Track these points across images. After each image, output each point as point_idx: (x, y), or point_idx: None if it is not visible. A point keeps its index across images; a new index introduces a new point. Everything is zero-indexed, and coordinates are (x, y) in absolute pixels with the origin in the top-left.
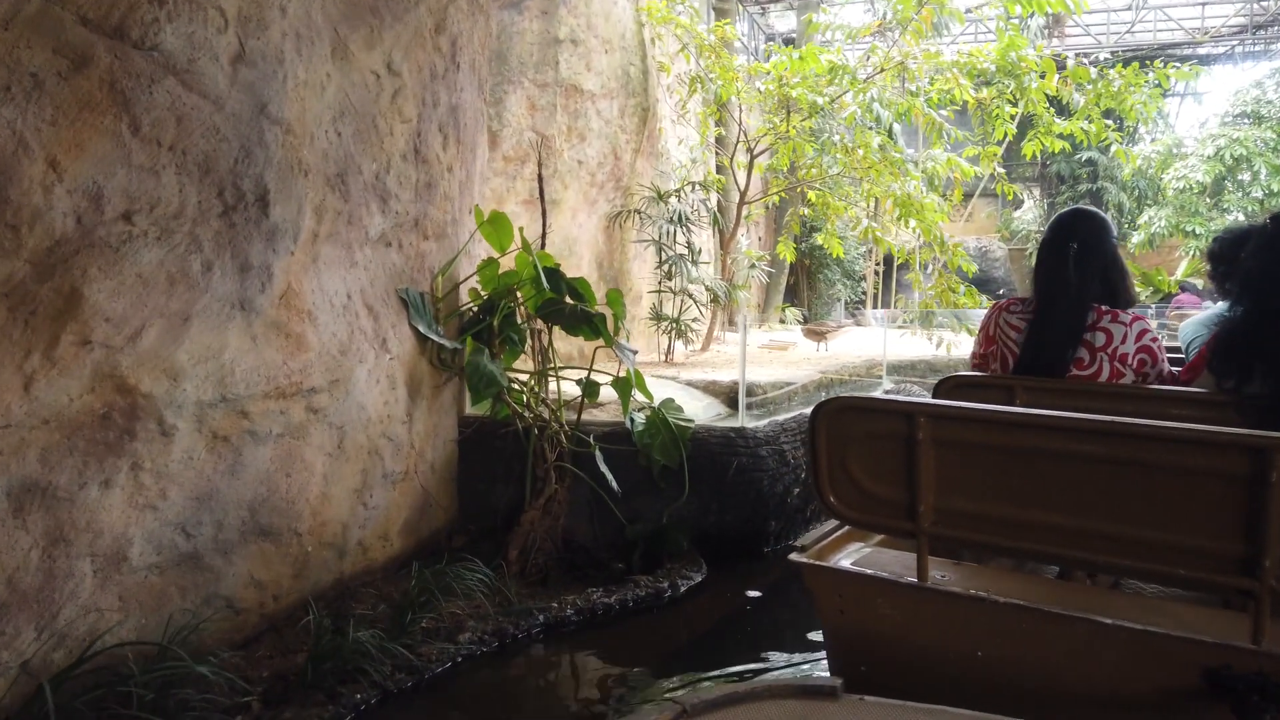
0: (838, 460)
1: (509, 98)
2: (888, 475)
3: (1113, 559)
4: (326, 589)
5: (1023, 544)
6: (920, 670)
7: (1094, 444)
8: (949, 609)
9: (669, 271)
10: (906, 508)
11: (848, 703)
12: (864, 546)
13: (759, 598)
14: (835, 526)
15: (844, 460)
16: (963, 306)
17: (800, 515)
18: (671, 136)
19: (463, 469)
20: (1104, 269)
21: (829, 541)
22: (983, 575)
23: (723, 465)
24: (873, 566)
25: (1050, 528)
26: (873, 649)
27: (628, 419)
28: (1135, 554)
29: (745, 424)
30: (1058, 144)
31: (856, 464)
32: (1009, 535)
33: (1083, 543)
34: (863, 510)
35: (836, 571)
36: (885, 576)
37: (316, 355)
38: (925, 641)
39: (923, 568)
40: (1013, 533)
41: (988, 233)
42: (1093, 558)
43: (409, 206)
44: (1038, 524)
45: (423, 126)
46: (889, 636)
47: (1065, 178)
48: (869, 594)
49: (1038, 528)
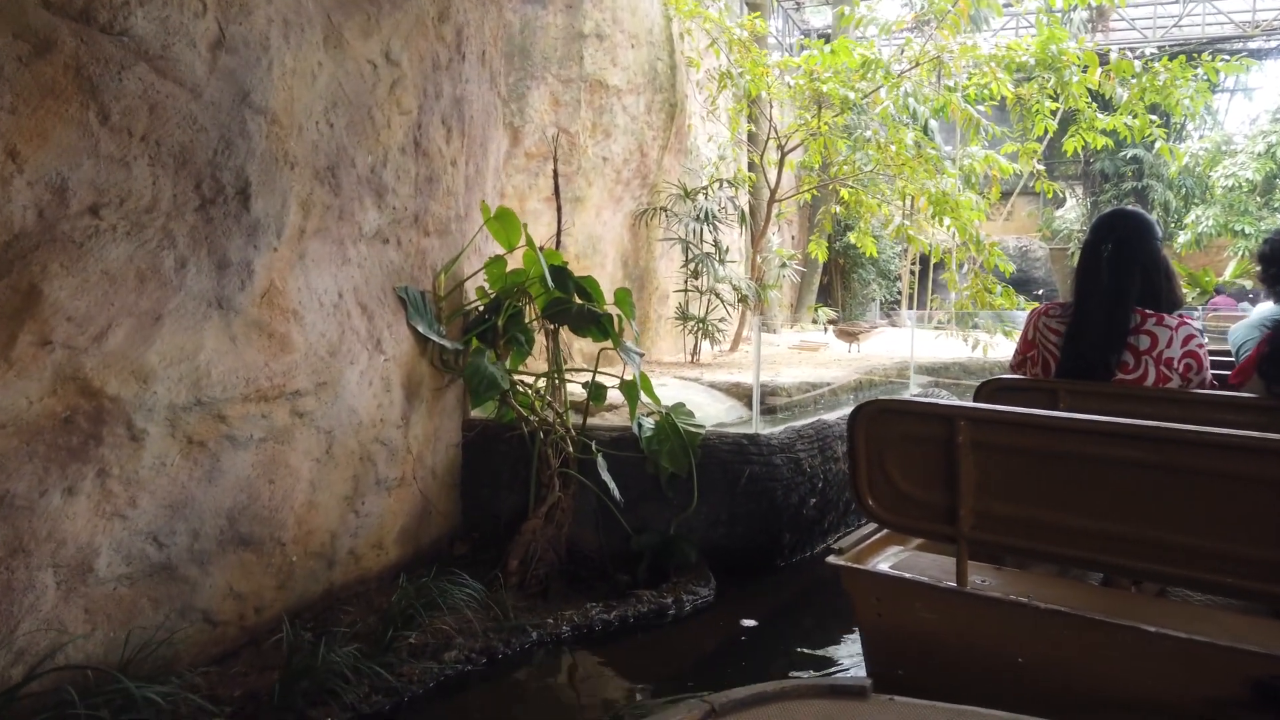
0: (876, 463)
1: (532, 93)
2: (927, 479)
3: (1157, 566)
4: (315, 600)
5: (1064, 549)
6: (959, 674)
7: (1138, 449)
8: (989, 614)
9: (695, 270)
10: (946, 511)
11: (876, 703)
12: (902, 550)
13: (769, 617)
14: (873, 530)
15: (883, 463)
16: (999, 308)
17: (817, 527)
18: (701, 133)
19: (467, 474)
20: (1144, 271)
21: (867, 545)
22: (1024, 580)
23: (734, 474)
24: (911, 570)
25: (1093, 534)
26: (910, 652)
27: (634, 424)
28: (1181, 561)
29: (759, 430)
30: (1100, 140)
31: (895, 467)
32: (1050, 540)
33: (1126, 549)
34: (901, 513)
35: (874, 575)
36: (923, 580)
37: (302, 356)
38: (964, 646)
39: (962, 572)
40: (1054, 538)
41: (1029, 232)
42: (1137, 565)
43: (408, 201)
44: (1080, 529)
45: (424, 119)
46: (927, 640)
47: (1109, 175)
48: (907, 597)
49: (1080, 533)
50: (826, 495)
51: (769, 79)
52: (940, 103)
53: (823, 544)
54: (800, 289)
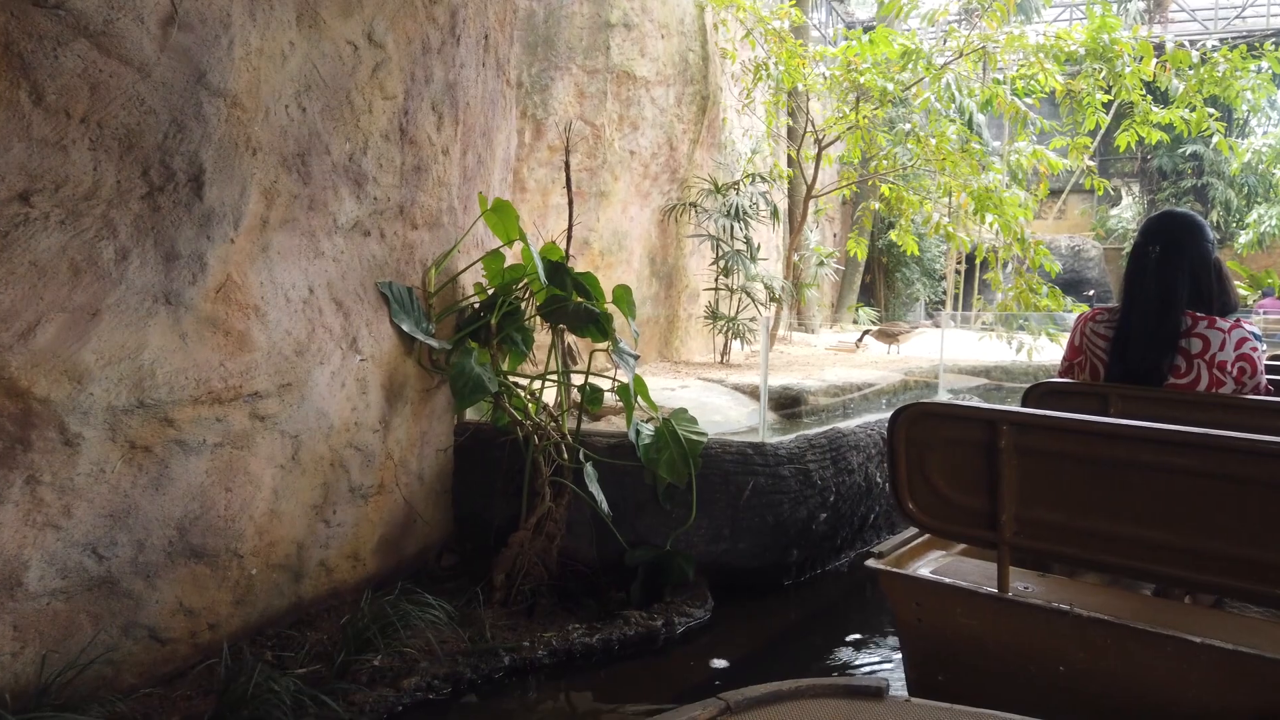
0: (917, 467)
1: (555, 85)
2: (968, 483)
3: (1207, 576)
4: (280, 615)
5: (1109, 557)
6: (999, 681)
7: (1186, 456)
8: (1029, 621)
9: (726, 268)
10: (987, 517)
11: (893, 703)
12: (945, 555)
13: (770, 642)
14: (915, 534)
15: (923, 467)
16: (1044, 309)
17: (828, 544)
18: (737, 127)
19: (459, 480)
20: (1193, 273)
21: (908, 549)
22: (1069, 588)
23: (737, 486)
24: (953, 575)
25: (1139, 542)
26: (950, 658)
27: (631, 431)
28: (1232, 572)
29: (765, 439)
30: (1155, 135)
31: (937, 471)
32: (1095, 548)
33: (1174, 558)
34: (942, 518)
35: (914, 579)
36: (964, 586)
37: (264, 355)
38: (1004, 653)
39: (1003, 578)
40: (1099, 545)
41: (1082, 231)
42: (1185, 574)
43: (391, 192)
44: (1125, 537)
45: (411, 105)
46: (967, 646)
47: (1167, 173)
48: (947, 603)
49: (1126, 541)
50: (839, 510)
51: (805, 70)
52: (986, 95)
53: (835, 561)
54: (841, 288)
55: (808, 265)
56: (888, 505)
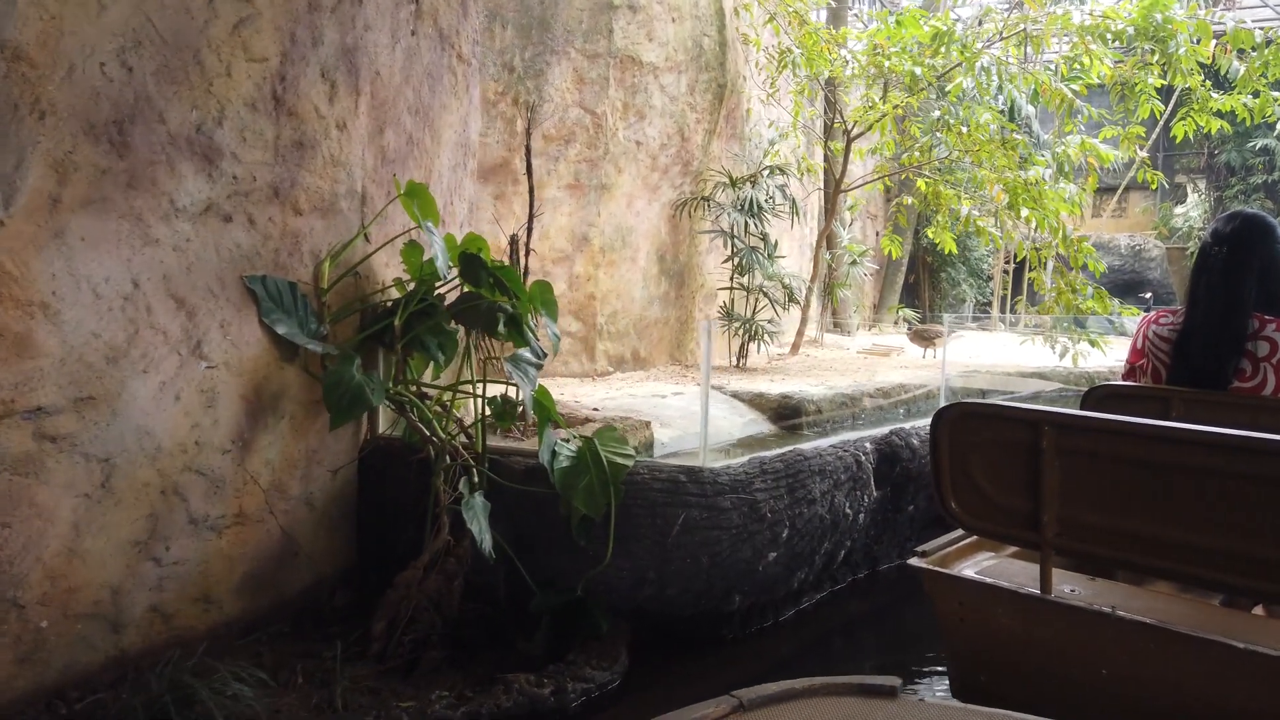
0: (960, 467)
1: (551, 69)
2: (1011, 484)
3: (1256, 582)
4: (93, 672)
5: (1156, 561)
6: (1041, 683)
7: (1231, 459)
8: (1071, 623)
9: (741, 266)
10: (1029, 517)
11: (906, 703)
12: (994, 557)
13: None
14: (961, 535)
15: (966, 467)
16: (1088, 312)
17: (780, 588)
18: (763, 119)
19: (364, 504)
20: (1261, 275)
21: (954, 549)
22: (1118, 592)
23: (666, 519)
24: (1000, 577)
25: (1185, 546)
26: (991, 659)
27: (545, 452)
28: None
29: (706, 464)
30: (1215, 124)
31: (979, 471)
32: (1140, 551)
33: (1221, 564)
34: (985, 518)
35: (957, 579)
36: (1005, 586)
37: (54, 363)
38: (1046, 655)
39: (1046, 579)
40: (1144, 549)
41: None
42: (1233, 580)
43: (260, 170)
44: (1171, 541)
45: (290, 70)
46: (1008, 647)
47: (1235, 168)
48: (988, 603)
49: (1171, 545)
50: (794, 548)
51: (830, 56)
52: (1028, 82)
53: (794, 608)
54: (882, 288)
55: (840, 264)
56: (867, 538)
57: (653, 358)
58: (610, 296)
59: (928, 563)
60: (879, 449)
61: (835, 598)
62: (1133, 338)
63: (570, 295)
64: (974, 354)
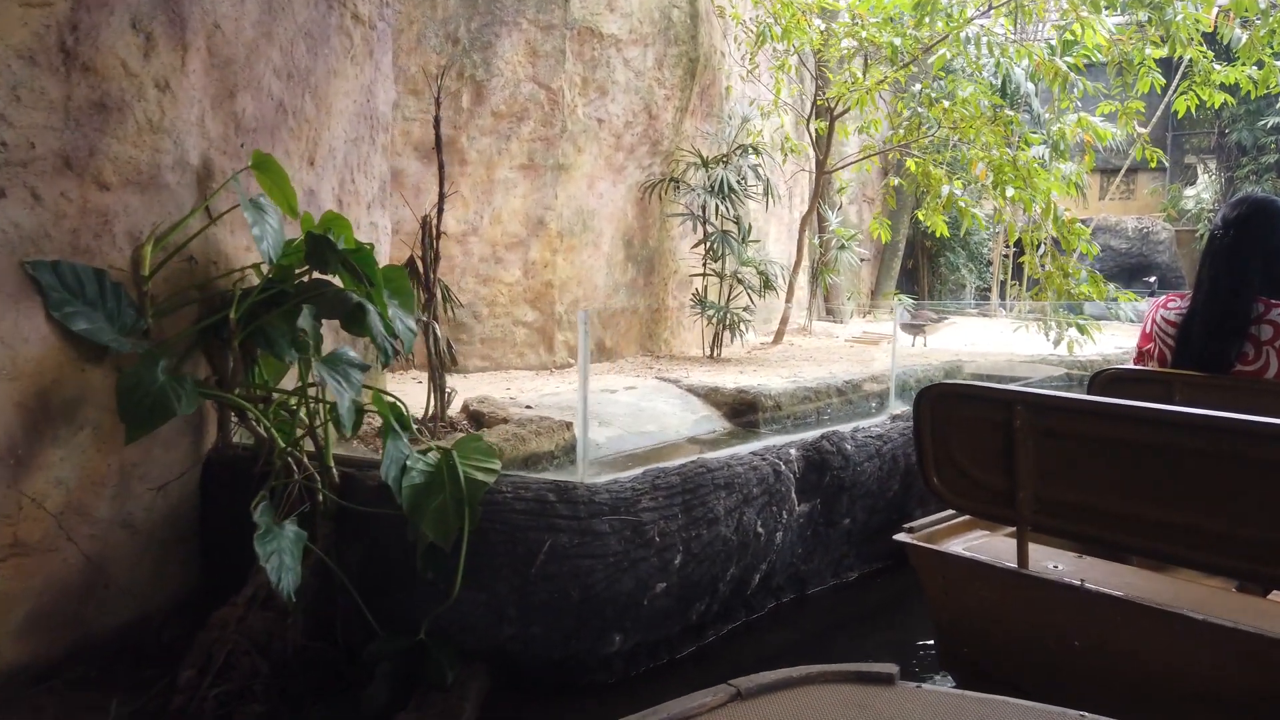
0: (942, 445)
1: (500, 42)
2: (988, 461)
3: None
4: None
5: (1126, 538)
6: (1018, 655)
7: (1197, 439)
8: (1043, 596)
9: (715, 252)
10: (1005, 494)
11: (903, 690)
12: (987, 535)
13: None
14: (951, 514)
15: (948, 445)
16: (1081, 298)
17: (674, 623)
18: (744, 97)
19: (207, 523)
20: (1266, 260)
21: (945, 527)
22: (1099, 569)
23: (528, 546)
24: (985, 553)
25: (1152, 522)
26: (974, 631)
27: (390, 468)
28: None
29: (583, 479)
30: (1218, 97)
31: (959, 449)
32: (1111, 528)
33: (1195, 541)
34: (965, 495)
35: (940, 554)
36: (984, 560)
37: None
38: (1024, 627)
39: (1023, 554)
40: (1114, 526)
41: (1151, 211)
42: (1206, 558)
43: (42, 136)
44: (1145, 519)
45: (86, 17)
46: (988, 620)
47: (1247, 148)
48: (969, 577)
49: (1145, 523)
50: (690, 576)
51: (808, 27)
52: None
53: (694, 644)
54: (879, 274)
55: (829, 249)
56: (792, 558)
57: (620, 348)
58: (570, 284)
59: (915, 539)
60: (806, 456)
61: (751, 629)
62: (1142, 322)
63: (526, 283)
64: (969, 342)
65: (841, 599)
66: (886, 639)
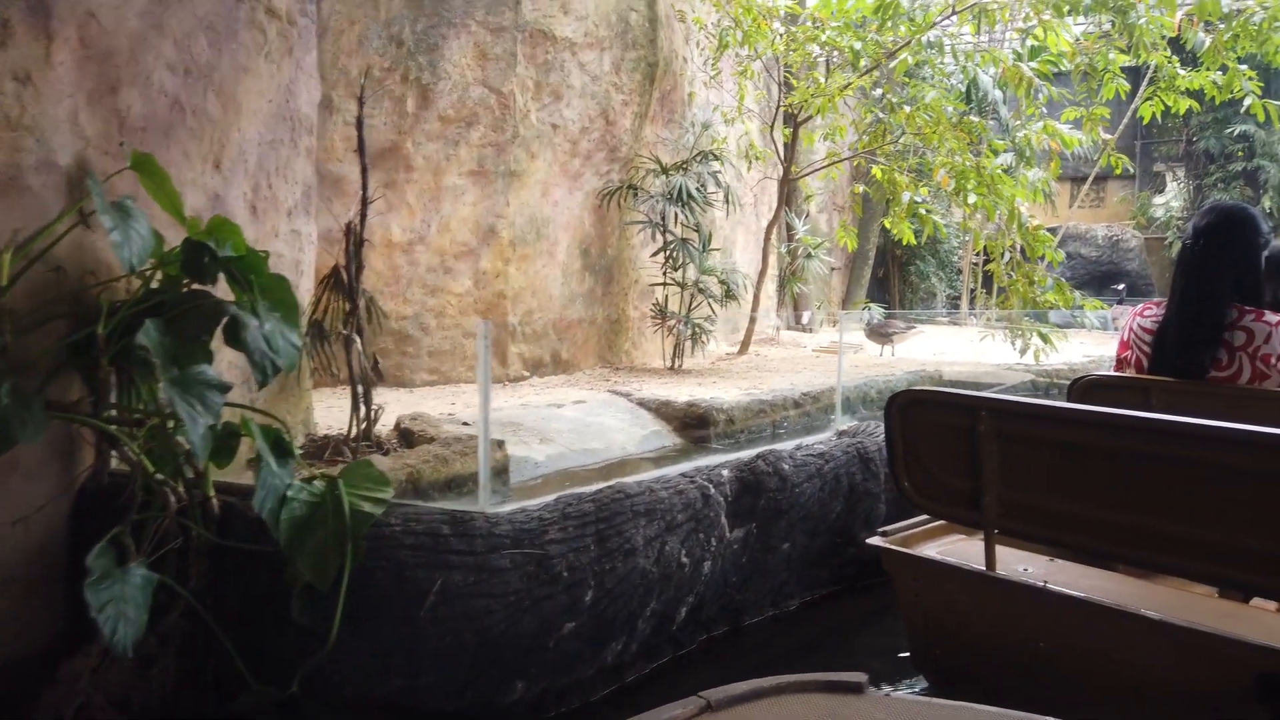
0: (912, 449)
1: (448, 44)
2: (955, 465)
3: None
4: None
5: (1090, 541)
6: (986, 656)
7: (1155, 444)
8: (1009, 598)
9: (672, 259)
10: (971, 498)
11: (872, 698)
12: (963, 539)
13: None
14: (926, 519)
15: (916, 450)
16: (1047, 306)
17: (586, 665)
18: (707, 102)
19: (80, 560)
20: (1237, 267)
21: (920, 531)
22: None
23: (418, 585)
24: (955, 556)
25: (1116, 527)
26: (944, 632)
27: (265, 499)
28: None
29: (484, 508)
30: (1183, 103)
31: (928, 454)
32: (1075, 531)
33: (1159, 545)
34: (935, 499)
35: (912, 557)
36: (953, 563)
37: None
38: (991, 628)
39: (990, 556)
40: (1079, 529)
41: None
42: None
43: None
44: (1102, 521)
45: None
46: (958, 621)
47: (1215, 155)
48: (940, 580)
49: (1102, 525)
50: (603, 613)
51: (766, 31)
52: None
53: (612, 685)
54: (849, 282)
55: (796, 257)
56: (725, 588)
57: (578, 360)
58: (524, 294)
59: (888, 542)
60: (740, 477)
61: (679, 665)
62: (1121, 331)
63: (476, 293)
64: (938, 350)
65: (780, 629)
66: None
